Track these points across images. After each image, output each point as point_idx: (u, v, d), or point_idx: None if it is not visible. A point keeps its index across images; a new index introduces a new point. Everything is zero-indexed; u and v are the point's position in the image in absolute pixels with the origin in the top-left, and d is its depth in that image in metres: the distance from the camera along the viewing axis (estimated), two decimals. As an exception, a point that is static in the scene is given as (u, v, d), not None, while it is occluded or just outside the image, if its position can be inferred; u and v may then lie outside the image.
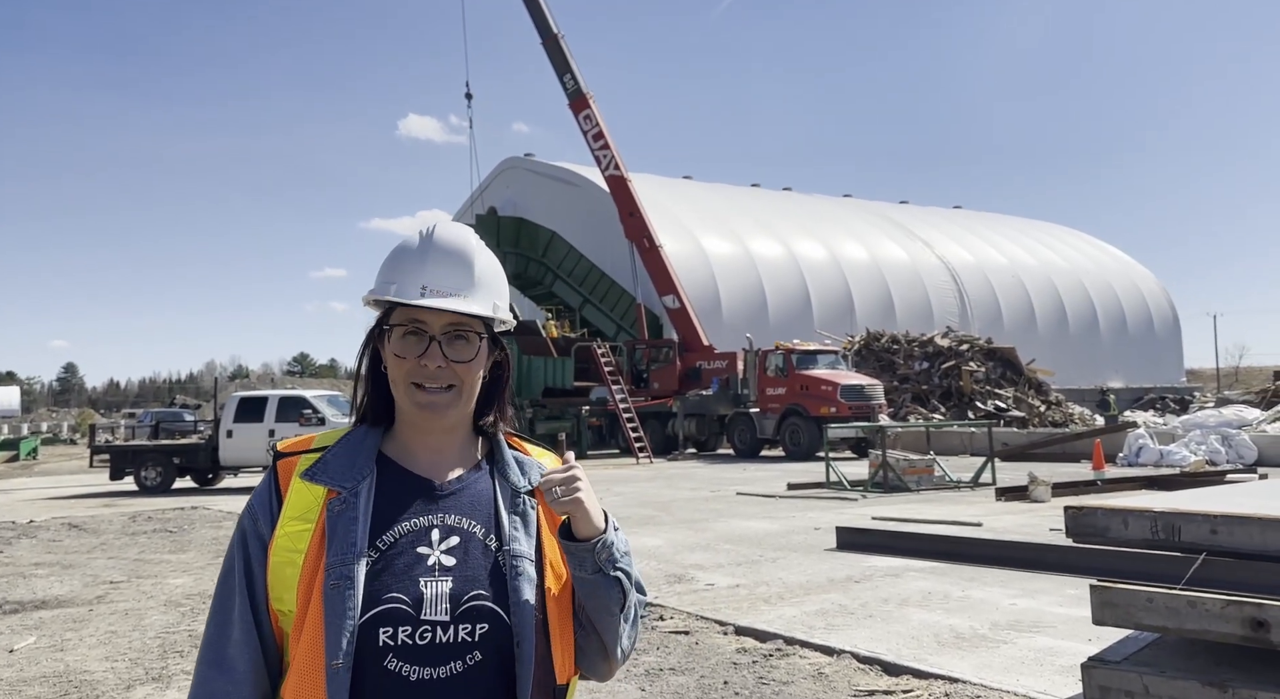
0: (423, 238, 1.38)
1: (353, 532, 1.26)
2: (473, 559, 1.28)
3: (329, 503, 1.28)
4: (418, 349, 1.32)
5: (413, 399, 1.33)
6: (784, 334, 29.38)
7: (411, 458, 1.37)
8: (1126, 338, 47.11)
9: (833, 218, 44.22)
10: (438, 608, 1.24)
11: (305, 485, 1.31)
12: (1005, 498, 12.08)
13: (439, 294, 1.33)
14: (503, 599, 1.26)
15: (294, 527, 1.28)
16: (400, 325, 1.33)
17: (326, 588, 1.22)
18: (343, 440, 1.36)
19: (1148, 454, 17.26)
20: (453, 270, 1.35)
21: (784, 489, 14.08)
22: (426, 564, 1.26)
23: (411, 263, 1.35)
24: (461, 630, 1.23)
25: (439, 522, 1.31)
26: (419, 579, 1.24)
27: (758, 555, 8.37)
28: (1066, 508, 3.57)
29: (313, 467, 1.32)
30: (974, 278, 43.61)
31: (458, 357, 1.34)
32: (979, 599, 6.34)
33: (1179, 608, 3.04)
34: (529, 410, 23.49)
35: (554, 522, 1.36)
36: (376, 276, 1.39)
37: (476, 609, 1.25)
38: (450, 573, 1.26)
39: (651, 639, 5.65)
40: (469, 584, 1.26)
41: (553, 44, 28.32)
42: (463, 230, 1.40)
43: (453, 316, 1.34)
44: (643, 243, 28.27)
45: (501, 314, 1.41)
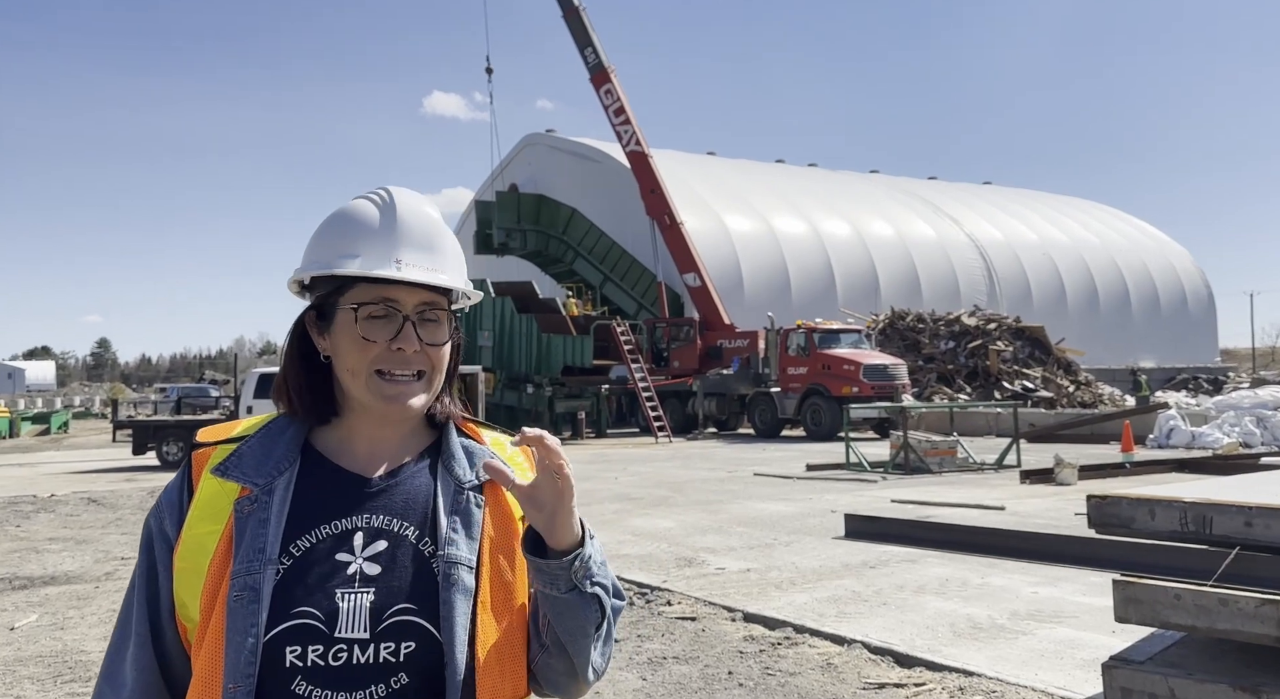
0: (384, 205, 1.18)
1: (262, 536, 1.09)
2: (401, 567, 1.11)
3: (237, 502, 1.12)
4: (388, 332, 1.14)
5: (379, 392, 1.14)
6: (807, 313, 29.01)
7: (343, 450, 1.19)
8: (1159, 317, 46.10)
9: (859, 194, 43.51)
10: (355, 623, 1.07)
11: (217, 481, 1.14)
12: (1030, 480, 11.79)
13: (413, 268, 1.15)
14: (434, 613, 1.09)
15: (201, 528, 1.12)
16: (368, 304, 1.14)
17: (229, 600, 1.06)
18: (263, 429, 1.19)
19: (1179, 436, 16.82)
20: (425, 242, 1.17)
21: (802, 470, 13.87)
22: (346, 573, 1.09)
23: (377, 233, 1.16)
24: (384, 649, 1.07)
25: (364, 523, 1.13)
26: (335, 591, 1.08)
27: (771, 539, 8.19)
28: (1089, 497, 3.34)
29: (226, 460, 1.15)
30: (1003, 255, 42.80)
31: (432, 339, 1.17)
32: (999, 587, 6.12)
33: (1209, 606, 2.81)
34: (548, 388, 23.38)
35: (510, 522, 1.17)
36: (312, 251, 1.19)
37: (402, 625, 1.08)
38: (373, 583, 1.09)
39: (657, 625, 5.50)
40: (394, 596, 1.09)
41: (574, 17, 27.92)
42: (425, 200, 1.22)
43: (426, 295, 1.16)
44: (664, 220, 27.95)
45: (469, 290, 1.24)
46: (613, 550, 7.82)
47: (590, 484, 12.67)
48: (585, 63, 28.22)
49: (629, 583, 6.57)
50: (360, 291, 1.15)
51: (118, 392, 63.34)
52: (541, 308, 25.15)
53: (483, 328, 24.63)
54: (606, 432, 24.72)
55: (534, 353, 23.56)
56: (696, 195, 35.00)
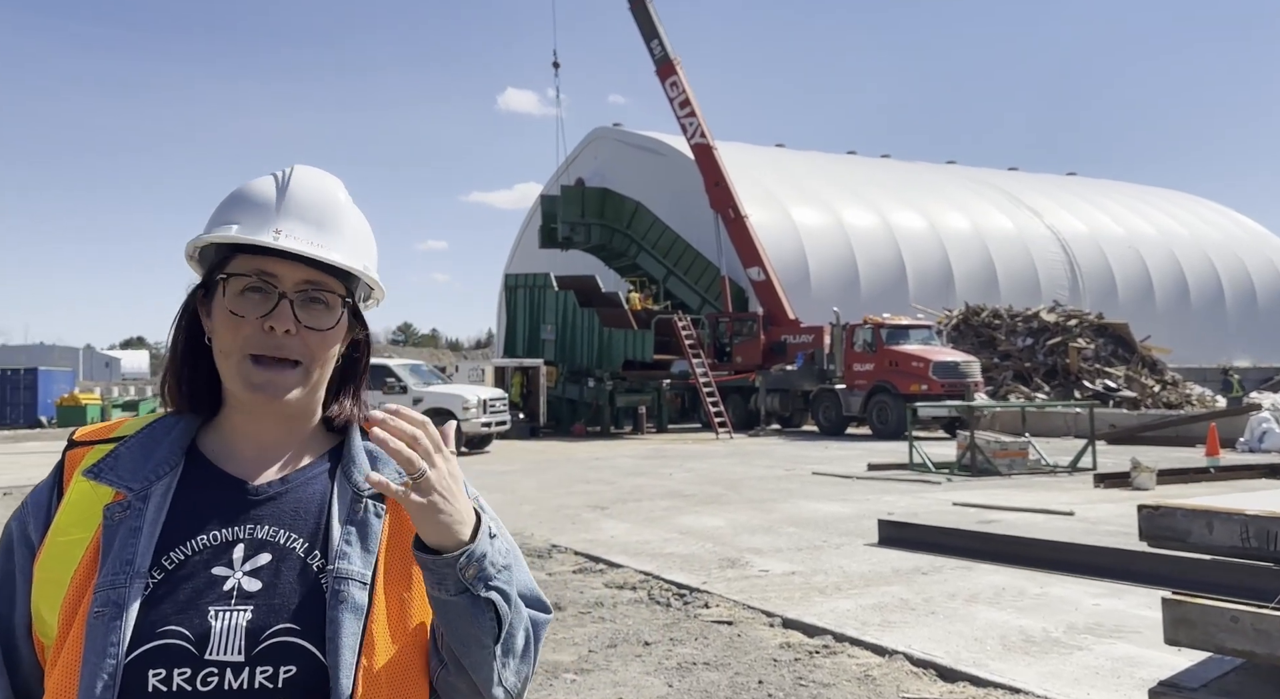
0: (280, 179, 1.09)
1: (132, 546, 0.99)
2: (285, 583, 1.01)
3: (107, 508, 1.02)
4: (262, 307, 1.04)
5: (246, 377, 1.04)
6: (876, 308, 28.30)
7: (230, 452, 1.09)
8: (1255, 313, 43.59)
9: (934, 186, 42.28)
10: (229, 645, 0.97)
11: (89, 485, 1.04)
12: (1104, 485, 11.21)
13: (294, 240, 1.04)
14: (319, 634, 0.99)
15: (67, 535, 1.02)
16: (241, 276, 1.04)
17: (89, 616, 0.96)
18: (146, 429, 1.09)
19: (1272, 439, 15.80)
20: (317, 215, 1.07)
21: (863, 470, 13.49)
22: (222, 589, 1.00)
23: (261, 203, 1.07)
24: (260, 674, 0.97)
25: (246, 534, 1.03)
26: (208, 609, 0.98)
27: (821, 540, 7.93)
28: (1140, 507, 3.07)
29: (100, 461, 1.05)
30: (1086, 249, 41.06)
31: (313, 322, 1.05)
32: (1058, 597, 5.78)
33: (1271, 631, 2.53)
34: (609, 383, 23.36)
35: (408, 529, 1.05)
36: (209, 220, 1.10)
37: (281, 647, 0.98)
38: (251, 600, 1.00)
39: (691, 628, 5.35)
40: (274, 615, 0.99)
41: (640, 8, 27.78)
42: (328, 175, 1.13)
43: (312, 272, 1.05)
44: (728, 213, 27.62)
45: (371, 276, 1.11)
46: (656, 549, 7.69)
47: (643, 480, 12.55)
48: (651, 55, 28.08)
49: (668, 583, 6.43)
50: (237, 263, 1.05)
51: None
52: (604, 302, 25.14)
53: (546, 321, 24.76)
54: (667, 427, 24.59)
55: (596, 347, 23.56)
56: (763, 188, 34.51)
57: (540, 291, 25.25)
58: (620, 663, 4.75)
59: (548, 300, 24.86)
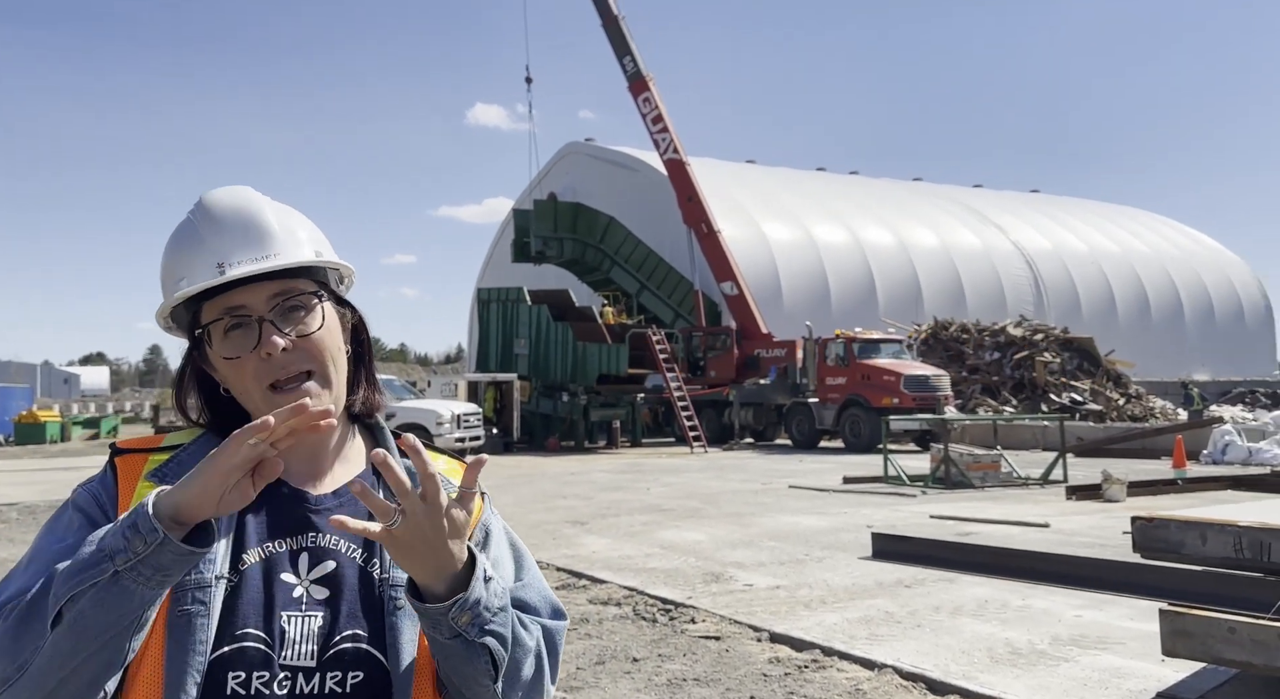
0: (195, 214, 1.09)
1: (212, 546, 0.99)
2: (348, 590, 1.04)
3: None
4: (249, 340, 1.04)
5: (275, 407, 1.02)
6: (847, 322, 28.55)
7: (284, 461, 1.07)
8: (1214, 328, 44.66)
9: (901, 202, 42.89)
10: (302, 650, 0.99)
11: (153, 488, 1.02)
12: (1076, 497, 11.36)
13: (238, 265, 1.04)
14: (381, 640, 1.03)
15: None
16: (218, 321, 1.05)
17: (172, 616, 0.97)
18: (203, 438, 1.11)
19: (1235, 451, 16.16)
20: (244, 232, 1.06)
21: (839, 483, 13.56)
22: (292, 595, 1.02)
23: (191, 246, 1.06)
24: (330, 679, 1.00)
25: (310, 543, 1.05)
26: (281, 613, 1.01)
27: (803, 554, 7.95)
28: (1134, 519, 3.11)
29: (164, 466, 1.07)
30: (1051, 265, 41.84)
31: (300, 330, 1.05)
32: (1041, 609, 5.83)
33: (1268, 642, 2.56)
34: (583, 397, 23.29)
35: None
36: (161, 285, 1.11)
37: (349, 653, 1.01)
38: (321, 606, 1.02)
39: (680, 644, 5.32)
40: (341, 621, 1.03)
41: (613, 26, 27.95)
42: (238, 188, 1.12)
43: (273, 285, 1.05)
44: (701, 228, 27.77)
45: (329, 257, 1.11)
46: (639, 564, 7.65)
47: (621, 494, 12.50)
48: (624, 71, 28.23)
49: (653, 599, 6.40)
50: (207, 311, 1.06)
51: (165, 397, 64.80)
52: (578, 316, 25.09)
53: (519, 336, 24.65)
54: (641, 441, 24.55)
55: (569, 361, 23.49)
56: (735, 203, 34.76)
57: (513, 306, 25.14)
58: (609, 680, 4.71)
59: (521, 314, 24.76)
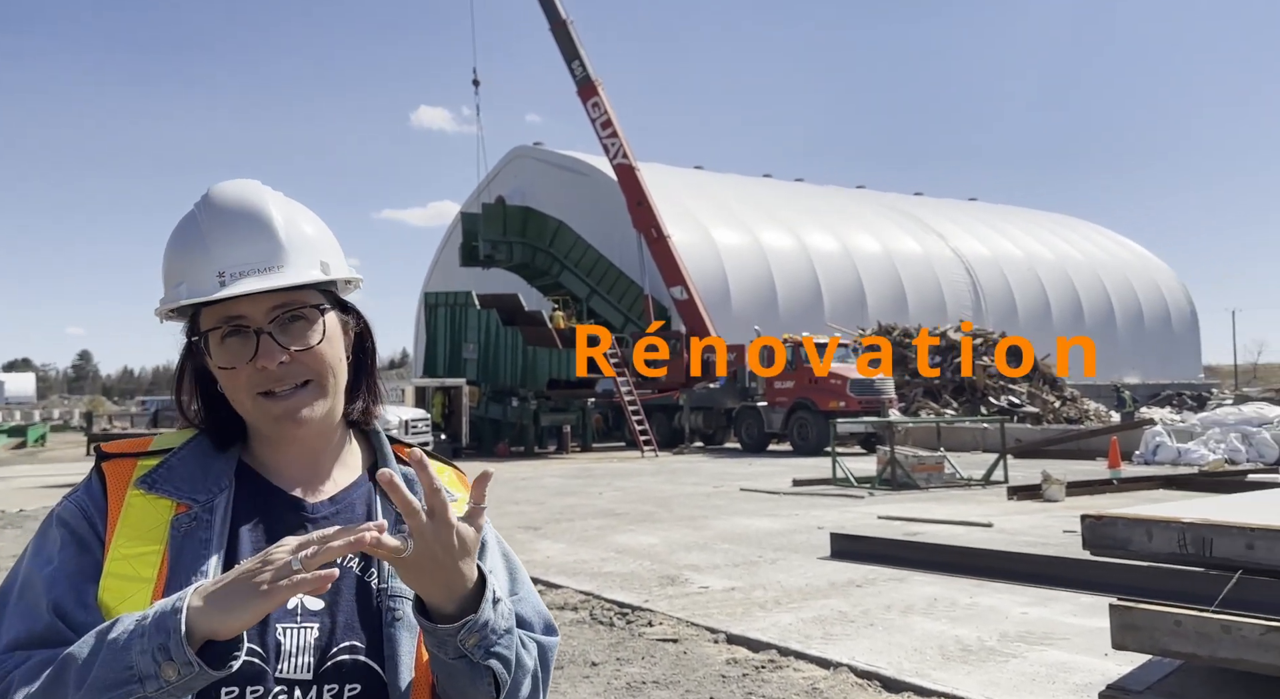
0: (201, 212, 1.04)
1: (203, 558, 0.98)
2: (345, 601, 1.02)
3: (175, 519, 1.00)
4: (246, 352, 1.01)
5: (264, 413, 1.02)
6: (794, 327, 28.93)
7: (277, 469, 1.08)
8: (1143, 333, 46.38)
9: (845, 209, 43.66)
10: (298, 663, 0.97)
11: (144, 497, 1.01)
12: (1017, 497, 11.69)
13: (241, 276, 1.00)
14: (379, 651, 1.01)
15: (133, 548, 0.99)
16: (215, 329, 1.02)
17: None
18: (193, 443, 1.07)
19: (1165, 452, 16.80)
20: (249, 240, 1.02)
21: (789, 485, 13.73)
22: (286, 607, 0.98)
23: (194, 247, 1.03)
24: (327, 692, 0.98)
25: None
26: (276, 625, 0.98)
27: (756, 556, 8.03)
28: (1084, 517, 3.21)
29: (154, 473, 1.03)
30: (989, 271, 42.99)
31: (300, 343, 1.03)
32: (988, 606, 5.98)
33: (1211, 633, 2.68)
34: (533, 402, 23.18)
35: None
36: (162, 276, 1.07)
37: (347, 665, 0.99)
38: (316, 617, 1.00)
39: (637, 647, 5.33)
40: (338, 633, 1.00)
41: (561, 30, 27.91)
42: (247, 185, 1.06)
43: (274, 297, 1.02)
44: (650, 233, 27.87)
45: (336, 272, 1.07)
46: (594, 568, 7.65)
47: (573, 499, 12.47)
48: (573, 76, 28.21)
49: (609, 603, 6.40)
50: (205, 317, 1.03)
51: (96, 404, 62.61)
52: (527, 320, 24.96)
53: (467, 340, 24.42)
54: (592, 445, 24.52)
55: (519, 366, 23.35)
56: (684, 209, 34.97)
57: (462, 310, 24.90)
58: (569, 685, 4.70)
59: (469, 319, 24.53)
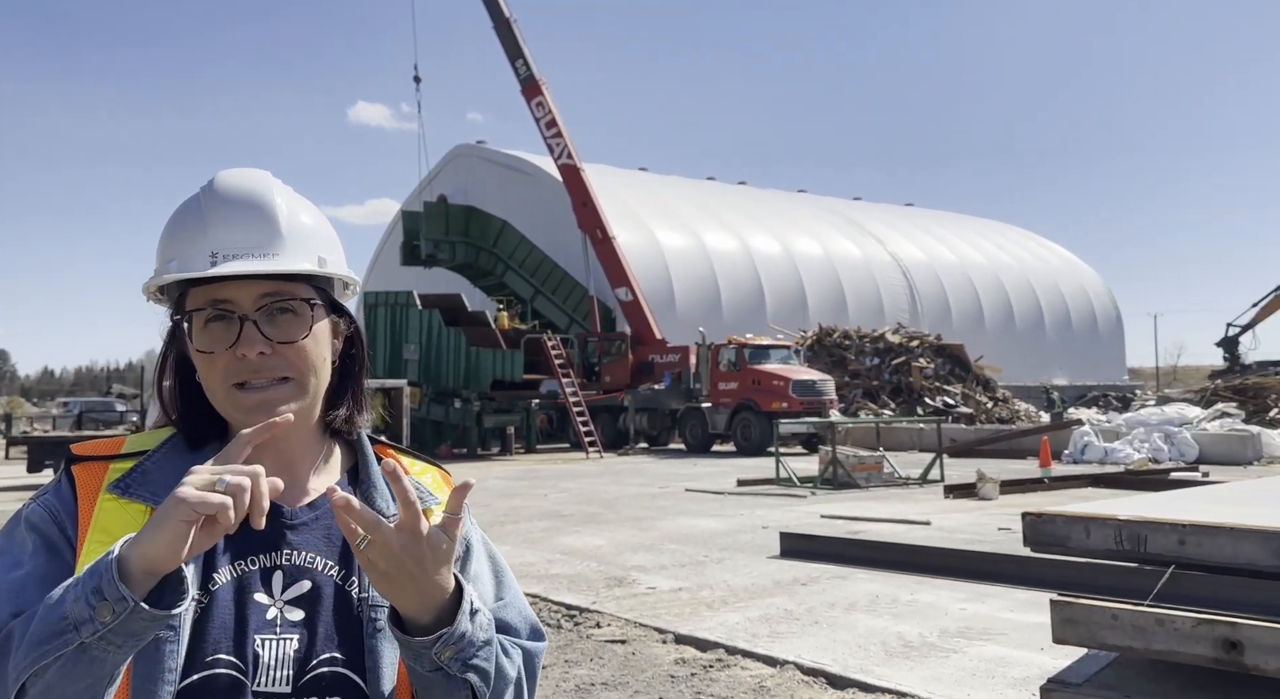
0: (204, 193, 1.02)
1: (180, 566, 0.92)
2: (325, 612, 0.99)
3: None
4: (227, 338, 0.98)
5: (237, 406, 0.98)
6: (738, 328, 29.22)
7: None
8: (1071, 336, 48.01)
9: (787, 213, 44.25)
10: (276, 675, 0.94)
11: (117, 502, 0.97)
12: (953, 495, 11.99)
13: (234, 258, 0.97)
14: (360, 663, 0.98)
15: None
16: (200, 311, 0.98)
17: None
18: (167, 445, 1.04)
19: (1093, 451, 17.41)
20: (248, 224, 0.99)
21: (733, 485, 13.85)
22: (265, 617, 0.97)
23: (191, 227, 1.00)
24: None
25: (285, 561, 1.00)
26: (255, 636, 0.96)
27: (703, 556, 8.08)
28: (1025, 514, 3.30)
29: (127, 477, 0.99)
30: (924, 275, 44.02)
31: (284, 336, 1.00)
32: (928, 603, 6.12)
33: (1146, 626, 2.78)
34: (477, 403, 22.94)
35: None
36: (156, 258, 1.04)
37: (326, 677, 0.97)
38: (296, 629, 0.97)
39: (586, 649, 5.31)
40: (318, 645, 0.98)
41: (504, 29, 27.70)
42: (254, 173, 1.04)
43: (265, 284, 0.99)
44: (596, 234, 27.84)
45: (334, 268, 1.04)
46: (541, 570, 7.60)
47: (518, 501, 12.38)
48: (516, 74, 28.01)
49: (557, 605, 6.37)
50: (192, 298, 1.00)
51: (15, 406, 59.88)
52: (470, 321, 24.70)
53: (409, 341, 24.05)
54: (536, 447, 24.37)
55: (462, 367, 23.08)
56: (629, 210, 35.02)
57: (402, 310, 24.51)
58: (518, 689, 4.66)
59: (410, 319, 24.17)
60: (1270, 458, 16.57)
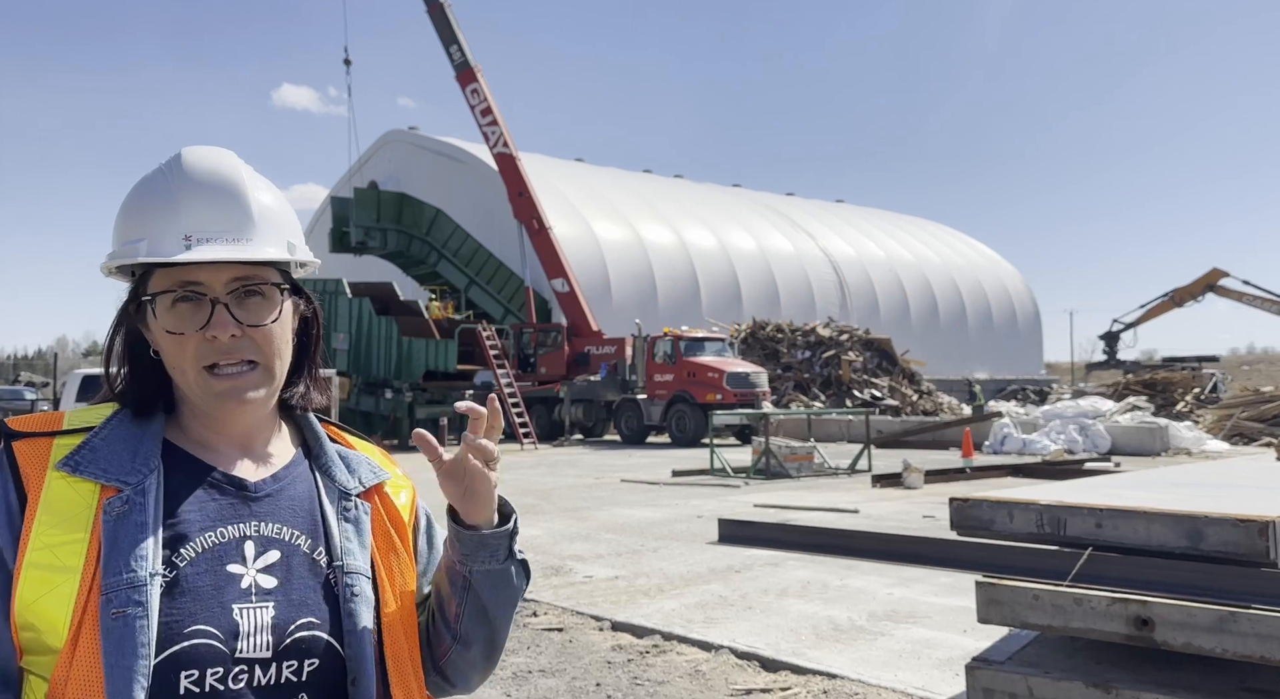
0: (169, 171, 1.01)
1: (140, 542, 0.93)
2: (297, 578, 1.02)
3: (107, 503, 0.94)
4: (197, 319, 0.99)
5: (206, 389, 0.99)
6: (673, 320, 29.40)
7: (208, 447, 1.04)
8: (992, 331, 49.67)
9: (722, 207, 44.65)
10: (257, 642, 0.97)
11: (65, 479, 0.95)
12: (881, 484, 12.31)
13: (208, 242, 0.98)
14: (336, 627, 1.02)
15: (55, 536, 0.93)
16: (168, 292, 0.99)
17: (105, 618, 0.89)
18: (114, 420, 1.02)
19: (1012, 443, 18.06)
20: (221, 207, 1.00)
21: (669, 476, 13.96)
22: (240, 587, 0.98)
23: (160, 206, 0.99)
24: (286, 669, 0.98)
25: (253, 531, 1.01)
26: (232, 606, 0.97)
27: (639, 545, 8.14)
28: (952, 499, 3.43)
29: (76, 455, 0.97)
30: (854, 270, 44.98)
31: (254, 319, 1.01)
32: (856, 588, 6.29)
33: (1065, 606, 2.92)
34: (409, 394, 22.59)
35: (399, 528, 1.11)
36: (114, 233, 1.03)
37: (305, 641, 1.00)
38: (270, 596, 1.00)
39: (523, 637, 5.31)
40: (295, 610, 1.00)
41: (438, 12, 27.24)
42: (221, 153, 1.04)
43: (238, 268, 1.00)
44: (532, 224, 27.66)
45: (302, 254, 1.06)
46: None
47: (452, 492, 12.24)
48: (450, 60, 27.59)
49: (493, 595, 6.35)
50: (159, 278, 1.00)
51: None
52: (402, 310, 24.29)
53: (338, 330, 23.53)
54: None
55: (394, 357, 22.69)
56: (565, 201, 34.88)
57: (331, 298, 23.94)
58: (454, 679, 4.64)
59: (340, 307, 23.63)
60: (1177, 449, 17.46)
